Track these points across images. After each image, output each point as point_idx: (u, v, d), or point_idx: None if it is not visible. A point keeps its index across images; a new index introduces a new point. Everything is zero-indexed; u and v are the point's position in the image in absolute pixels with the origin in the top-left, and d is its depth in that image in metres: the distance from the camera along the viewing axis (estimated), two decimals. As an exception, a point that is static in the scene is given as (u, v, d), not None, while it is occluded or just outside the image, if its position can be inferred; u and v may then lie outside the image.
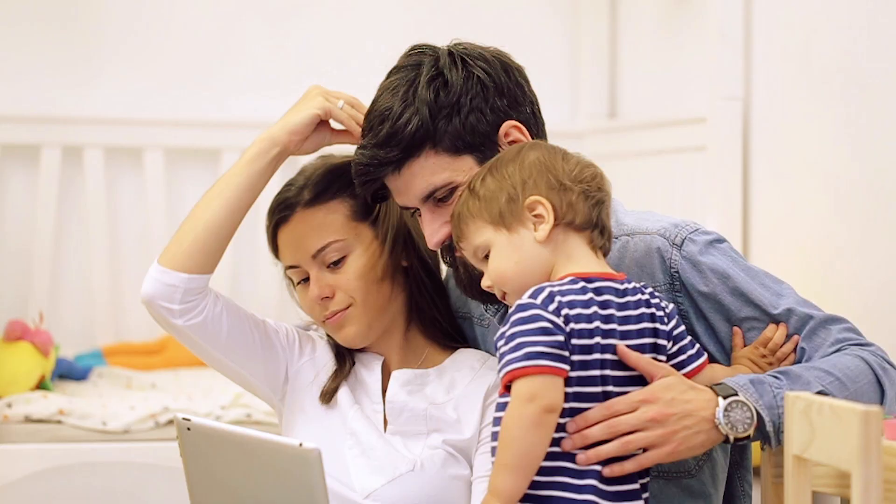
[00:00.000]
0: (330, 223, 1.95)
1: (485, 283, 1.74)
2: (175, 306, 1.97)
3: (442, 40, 1.91)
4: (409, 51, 1.89)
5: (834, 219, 2.68)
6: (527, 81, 1.90)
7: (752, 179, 3.01)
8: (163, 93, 3.93)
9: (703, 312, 1.84)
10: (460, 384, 1.97)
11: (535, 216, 1.69)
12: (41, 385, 3.17)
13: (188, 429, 1.71)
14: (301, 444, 1.60)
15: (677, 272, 1.85)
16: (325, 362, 2.05)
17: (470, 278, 1.86)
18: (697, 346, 1.75)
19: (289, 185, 2.01)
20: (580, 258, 1.70)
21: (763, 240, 2.97)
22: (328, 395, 2.00)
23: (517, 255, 1.70)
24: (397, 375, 1.98)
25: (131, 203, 3.90)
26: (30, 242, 3.78)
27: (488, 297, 1.87)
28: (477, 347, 2.05)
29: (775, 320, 1.83)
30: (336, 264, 1.95)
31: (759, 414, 1.69)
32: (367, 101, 1.93)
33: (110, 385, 3.42)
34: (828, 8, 2.72)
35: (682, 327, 1.74)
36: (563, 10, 4.08)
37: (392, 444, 1.94)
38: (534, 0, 4.09)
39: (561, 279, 1.67)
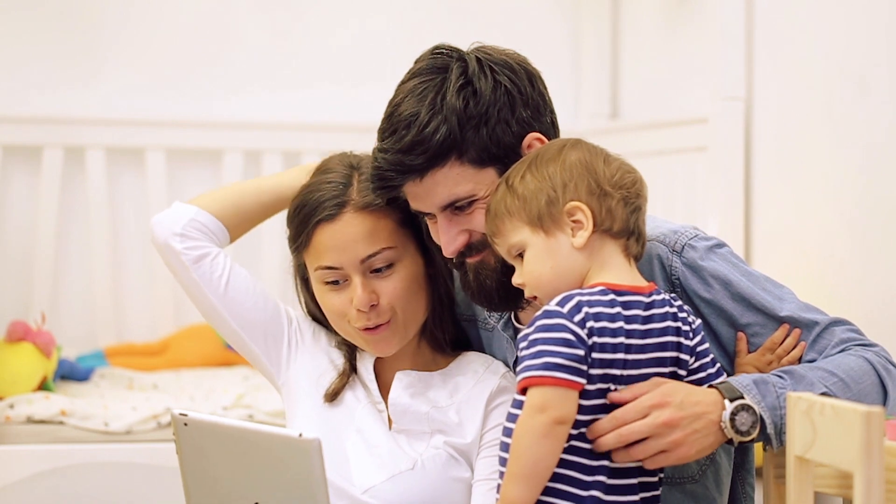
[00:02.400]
0: (382, 228, 1.91)
1: (516, 280, 1.72)
2: (177, 228, 2.02)
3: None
4: (433, 52, 1.84)
5: (836, 219, 2.68)
6: (546, 88, 1.87)
7: (754, 180, 3.01)
8: (164, 93, 3.93)
9: (706, 318, 1.83)
10: (464, 388, 1.96)
11: (574, 222, 1.67)
12: (43, 386, 3.17)
13: (185, 424, 1.69)
14: (301, 435, 1.60)
15: (678, 279, 1.84)
16: (330, 358, 2.04)
17: (479, 286, 1.84)
18: (718, 365, 1.74)
19: (328, 182, 1.93)
20: (614, 267, 1.68)
21: (765, 241, 2.97)
22: (333, 395, 1.99)
23: (553, 259, 1.68)
24: (401, 377, 1.97)
25: (133, 203, 3.90)
26: (32, 243, 3.79)
27: (494, 305, 1.86)
28: (481, 350, 2.04)
29: (778, 325, 1.83)
30: (379, 271, 1.91)
31: (761, 416, 1.69)
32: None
33: (112, 386, 3.42)
34: (830, 8, 2.71)
35: (707, 344, 1.73)
36: (565, 11, 4.08)
37: (397, 441, 1.94)
38: (536, 0, 4.09)
39: (592, 287, 1.66)
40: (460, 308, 2.07)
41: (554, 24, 4.07)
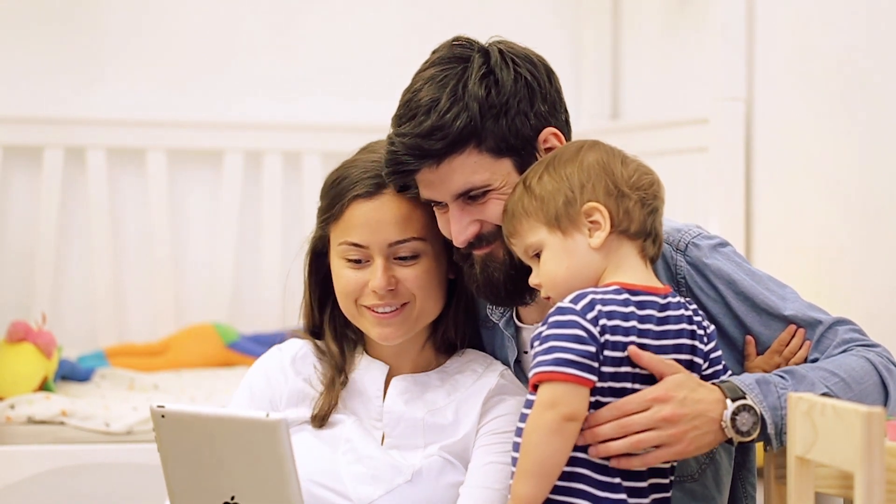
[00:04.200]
0: (417, 218, 1.88)
1: (533, 280, 1.72)
2: None
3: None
4: (453, 42, 1.84)
5: (837, 219, 2.68)
6: (561, 87, 1.87)
7: (754, 180, 3.01)
8: (165, 94, 3.93)
9: (710, 317, 1.83)
10: (462, 387, 1.94)
11: (592, 222, 1.68)
12: (44, 386, 3.17)
13: (163, 416, 1.70)
14: (267, 415, 1.61)
15: (683, 278, 1.84)
16: (309, 382, 1.97)
17: (487, 279, 1.83)
18: (730, 372, 1.75)
19: (371, 161, 1.89)
20: (629, 267, 1.68)
21: (765, 241, 2.97)
22: (321, 420, 1.93)
23: (569, 260, 1.68)
24: (396, 383, 1.94)
25: (134, 204, 3.90)
26: (33, 243, 3.79)
27: (500, 299, 1.86)
28: (479, 348, 2.03)
29: (782, 324, 1.83)
30: (403, 259, 1.88)
31: (762, 416, 1.69)
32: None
33: (113, 386, 3.42)
34: (830, 8, 2.72)
35: (720, 351, 1.73)
36: (565, 11, 4.08)
37: (390, 454, 1.90)
38: (536, 1, 4.09)
39: (606, 286, 1.66)
40: None
41: (554, 24, 4.07)
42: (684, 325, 1.68)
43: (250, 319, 3.94)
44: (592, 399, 1.63)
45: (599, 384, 1.62)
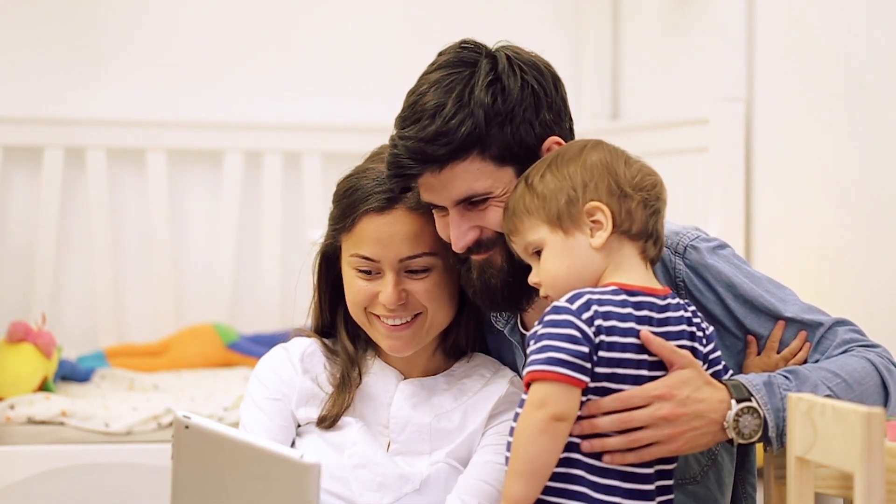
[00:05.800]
0: (429, 233, 1.86)
1: (532, 279, 1.72)
2: None
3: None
4: (460, 46, 1.82)
5: (836, 220, 2.68)
6: (566, 94, 1.86)
7: (754, 181, 3.01)
8: (165, 94, 3.93)
9: (712, 319, 1.83)
10: (470, 391, 1.93)
11: (594, 222, 1.67)
12: (44, 387, 3.17)
13: (186, 427, 1.67)
14: (302, 457, 1.56)
15: (682, 281, 1.84)
16: (317, 382, 1.96)
17: (484, 284, 1.82)
18: (731, 372, 1.75)
19: (379, 174, 1.87)
20: (629, 268, 1.68)
21: (765, 241, 2.97)
22: (331, 421, 1.91)
23: (570, 259, 1.68)
24: (403, 388, 1.93)
25: (134, 204, 3.91)
26: (32, 244, 3.79)
27: (497, 305, 1.85)
28: (484, 351, 2.01)
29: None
30: (414, 272, 1.87)
31: (765, 419, 1.68)
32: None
33: (113, 386, 3.42)
34: (830, 8, 2.71)
35: (719, 352, 1.73)
36: (565, 11, 4.08)
37: (395, 461, 1.89)
38: (536, 1, 4.09)
39: (604, 286, 1.65)
40: None
41: (554, 24, 4.07)
42: (684, 327, 1.68)
43: (250, 319, 3.94)
44: (584, 399, 1.62)
45: (593, 384, 1.62)
